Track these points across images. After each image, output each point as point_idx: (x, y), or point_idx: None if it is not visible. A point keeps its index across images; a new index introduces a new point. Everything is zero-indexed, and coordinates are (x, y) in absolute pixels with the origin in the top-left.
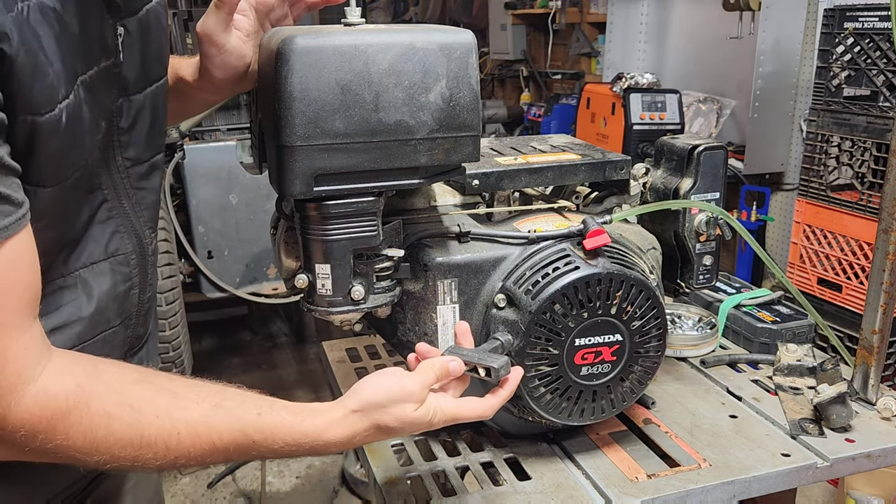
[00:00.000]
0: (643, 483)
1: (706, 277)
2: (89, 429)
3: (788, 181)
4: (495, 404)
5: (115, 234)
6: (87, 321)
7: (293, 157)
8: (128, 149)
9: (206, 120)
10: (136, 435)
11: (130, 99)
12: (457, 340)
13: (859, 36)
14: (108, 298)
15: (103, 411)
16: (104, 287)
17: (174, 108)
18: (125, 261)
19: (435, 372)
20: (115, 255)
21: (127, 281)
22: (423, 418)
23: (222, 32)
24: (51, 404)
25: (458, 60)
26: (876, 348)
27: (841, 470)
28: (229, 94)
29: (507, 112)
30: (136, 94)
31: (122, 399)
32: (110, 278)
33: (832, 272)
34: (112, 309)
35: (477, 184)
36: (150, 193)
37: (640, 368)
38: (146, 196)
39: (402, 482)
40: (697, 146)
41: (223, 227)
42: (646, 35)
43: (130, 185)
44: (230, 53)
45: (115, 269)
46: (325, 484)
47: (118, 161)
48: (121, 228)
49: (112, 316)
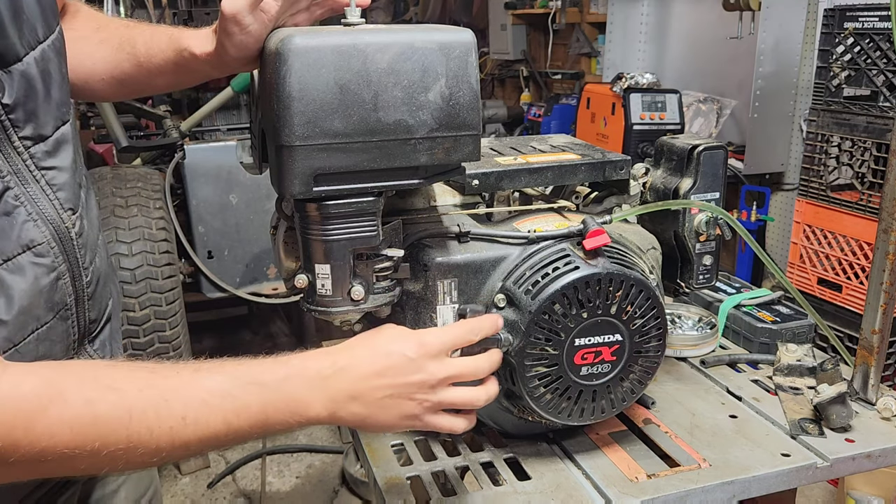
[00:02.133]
0: (643, 483)
1: (706, 277)
2: (73, 419)
3: (788, 181)
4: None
5: (27, 223)
6: (13, 324)
7: (292, 156)
8: (23, 127)
9: (206, 120)
10: (123, 413)
11: (9, 70)
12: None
13: (859, 36)
14: (31, 295)
15: (83, 399)
16: (25, 284)
17: (170, 81)
18: (44, 250)
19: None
20: (32, 246)
21: (51, 272)
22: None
23: (248, 14)
24: (23, 406)
25: (458, 59)
26: (876, 348)
27: (841, 470)
28: (235, 71)
29: (507, 112)
30: (16, 62)
31: (99, 383)
32: (31, 272)
33: (832, 272)
34: (39, 305)
35: (477, 184)
36: (62, 172)
37: (639, 368)
38: (57, 175)
39: (401, 482)
40: (697, 146)
41: (223, 227)
42: (646, 35)
43: (35, 167)
44: (250, 35)
45: (34, 261)
46: (325, 484)
47: (14, 143)
48: (32, 216)
49: (41, 312)
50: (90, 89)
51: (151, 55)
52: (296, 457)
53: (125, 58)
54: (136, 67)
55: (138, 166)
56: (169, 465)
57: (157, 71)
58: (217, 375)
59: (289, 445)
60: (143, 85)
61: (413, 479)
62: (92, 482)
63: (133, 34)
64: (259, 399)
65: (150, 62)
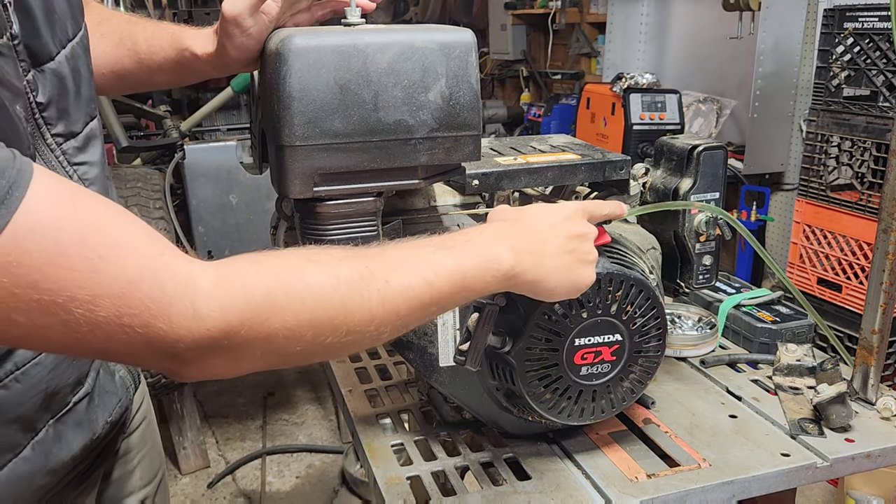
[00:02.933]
0: (643, 483)
1: (706, 277)
2: (293, 289)
3: (788, 181)
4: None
5: None
6: None
7: (293, 157)
8: (55, 124)
9: (206, 120)
10: (331, 279)
11: (42, 69)
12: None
13: (859, 36)
14: None
15: (294, 269)
16: None
17: (170, 79)
18: None
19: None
20: None
21: None
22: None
23: (249, 16)
24: (250, 284)
25: (458, 59)
26: (876, 348)
27: (840, 470)
28: (236, 72)
29: (507, 112)
30: (48, 61)
31: (298, 257)
32: None
33: (832, 272)
34: None
35: (476, 184)
36: (93, 167)
37: (639, 368)
38: (88, 171)
39: (401, 482)
40: (697, 146)
41: (223, 227)
42: (646, 35)
43: (68, 163)
44: (251, 37)
45: None
46: (325, 484)
47: (47, 140)
48: None
49: None
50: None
51: (152, 52)
52: (296, 457)
53: (126, 53)
54: (137, 64)
55: (138, 166)
56: (168, 465)
57: (157, 68)
58: (404, 248)
59: (289, 445)
60: (142, 81)
61: (413, 478)
62: (112, 461)
63: (135, 30)
64: (451, 258)
65: (151, 59)
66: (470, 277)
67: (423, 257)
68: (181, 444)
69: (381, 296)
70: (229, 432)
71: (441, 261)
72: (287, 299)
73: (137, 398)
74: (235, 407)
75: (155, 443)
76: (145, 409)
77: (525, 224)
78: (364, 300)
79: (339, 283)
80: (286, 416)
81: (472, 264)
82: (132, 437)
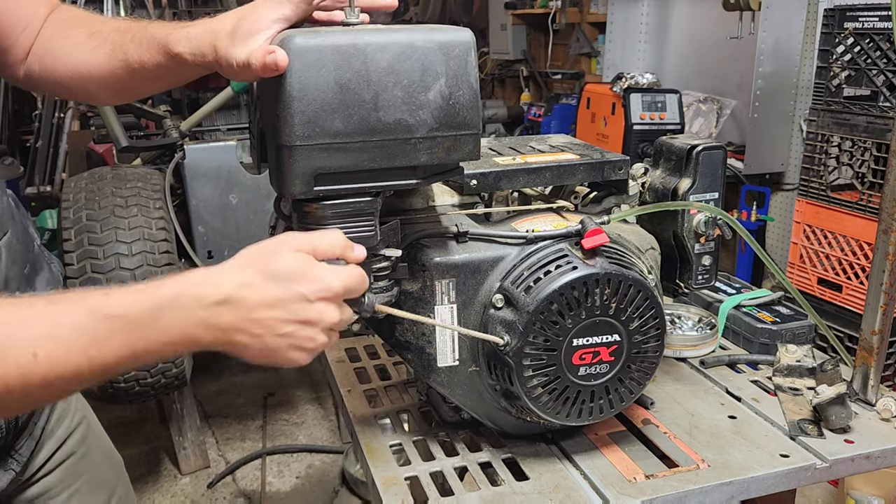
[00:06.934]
0: (641, 483)
1: (705, 278)
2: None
3: (788, 181)
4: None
5: None
6: None
7: (292, 156)
8: None
9: (206, 120)
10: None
11: None
12: None
13: (859, 36)
14: None
15: None
16: None
17: (167, 83)
18: None
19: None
20: None
21: None
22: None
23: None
24: None
25: (458, 59)
26: (876, 349)
27: (840, 471)
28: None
29: (507, 112)
30: None
31: None
32: None
33: (832, 272)
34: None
35: (475, 184)
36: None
37: (638, 369)
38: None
39: (399, 482)
40: (696, 146)
41: (223, 227)
42: (646, 35)
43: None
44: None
45: None
46: (325, 484)
47: None
48: None
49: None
50: (87, 92)
51: (143, 62)
52: (296, 457)
53: (119, 65)
54: (130, 74)
55: (138, 166)
56: (168, 465)
57: (151, 77)
58: (73, 309)
59: (289, 445)
60: (140, 89)
61: (411, 479)
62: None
63: (125, 40)
64: (122, 333)
65: (144, 69)
66: (142, 353)
67: (88, 327)
68: (181, 444)
69: (23, 371)
70: (229, 432)
71: (108, 335)
72: None
73: (46, 438)
74: (235, 407)
75: (94, 475)
76: (73, 444)
77: (240, 303)
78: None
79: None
80: (286, 417)
81: (149, 339)
82: (49, 477)
